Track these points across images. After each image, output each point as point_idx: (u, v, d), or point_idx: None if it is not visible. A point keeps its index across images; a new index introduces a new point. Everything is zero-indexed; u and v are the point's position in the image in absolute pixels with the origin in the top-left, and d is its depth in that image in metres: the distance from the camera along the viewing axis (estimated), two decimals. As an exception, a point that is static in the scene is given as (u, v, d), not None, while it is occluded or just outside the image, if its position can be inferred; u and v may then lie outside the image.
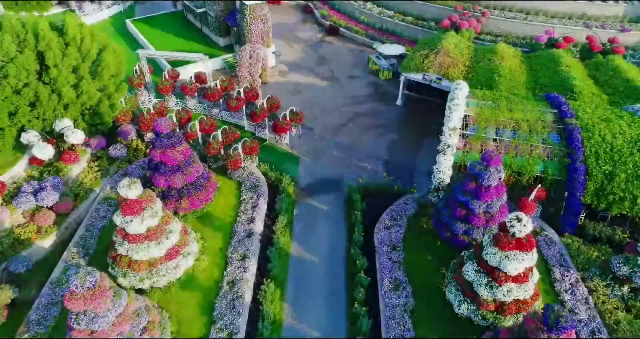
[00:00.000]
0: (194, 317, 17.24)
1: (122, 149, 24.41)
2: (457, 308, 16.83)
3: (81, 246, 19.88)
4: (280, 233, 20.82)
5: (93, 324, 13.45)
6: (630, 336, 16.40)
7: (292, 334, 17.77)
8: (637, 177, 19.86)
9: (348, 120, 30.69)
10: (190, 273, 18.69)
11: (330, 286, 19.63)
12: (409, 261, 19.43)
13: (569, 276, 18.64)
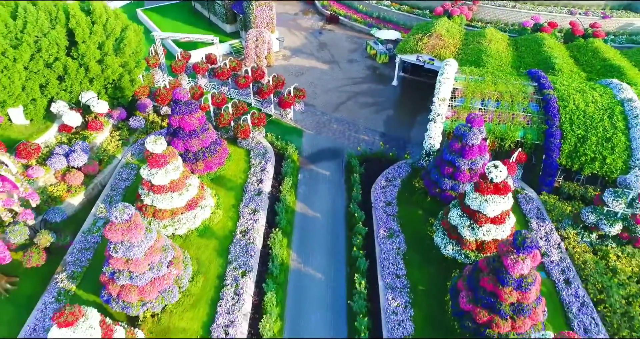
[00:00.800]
0: (211, 259, 19.33)
1: (141, 121, 26.47)
2: (443, 250, 18.91)
3: (107, 203, 21.96)
4: (287, 192, 22.89)
5: (129, 253, 15.52)
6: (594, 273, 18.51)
7: (298, 276, 19.88)
8: (606, 140, 21.96)
9: (347, 98, 32.76)
10: (207, 223, 20.76)
11: (331, 237, 21.73)
12: (402, 214, 21.53)
13: (544, 226, 20.75)
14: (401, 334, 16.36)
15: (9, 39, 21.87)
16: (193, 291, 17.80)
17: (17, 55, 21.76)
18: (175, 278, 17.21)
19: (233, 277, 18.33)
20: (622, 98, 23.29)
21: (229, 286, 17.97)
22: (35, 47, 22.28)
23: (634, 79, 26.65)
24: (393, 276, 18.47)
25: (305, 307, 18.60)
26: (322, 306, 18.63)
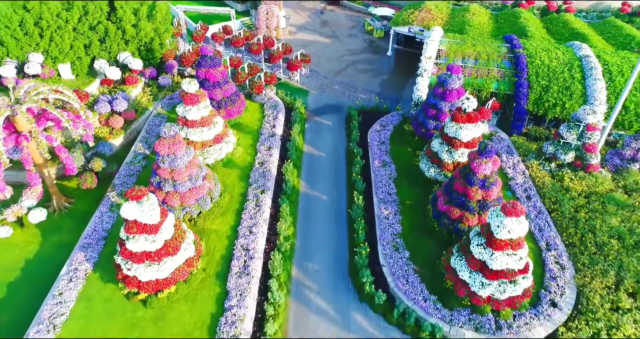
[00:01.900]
0: (235, 183, 22.90)
1: (168, 80, 29.98)
2: (427, 173, 22.49)
3: (144, 142, 25.52)
4: (296, 135, 26.45)
5: (173, 164, 19.11)
6: (550, 191, 22.12)
7: (306, 197, 23.48)
8: (565, 89, 25.54)
9: (347, 66, 36.31)
10: (230, 157, 24.29)
11: (334, 169, 25.28)
12: (393, 151, 25.10)
13: (512, 159, 24.34)
14: (391, 233, 19.98)
15: (62, 3, 25.38)
16: (222, 204, 21.41)
17: (69, 16, 25.27)
18: (208, 190, 20.82)
19: (254, 194, 21.92)
20: (581, 55, 26.87)
21: (251, 200, 21.57)
22: (82, 10, 25.78)
23: (595, 43, 30.22)
24: (385, 194, 22.09)
25: (313, 219, 22.21)
26: (327, 218, 22.24)
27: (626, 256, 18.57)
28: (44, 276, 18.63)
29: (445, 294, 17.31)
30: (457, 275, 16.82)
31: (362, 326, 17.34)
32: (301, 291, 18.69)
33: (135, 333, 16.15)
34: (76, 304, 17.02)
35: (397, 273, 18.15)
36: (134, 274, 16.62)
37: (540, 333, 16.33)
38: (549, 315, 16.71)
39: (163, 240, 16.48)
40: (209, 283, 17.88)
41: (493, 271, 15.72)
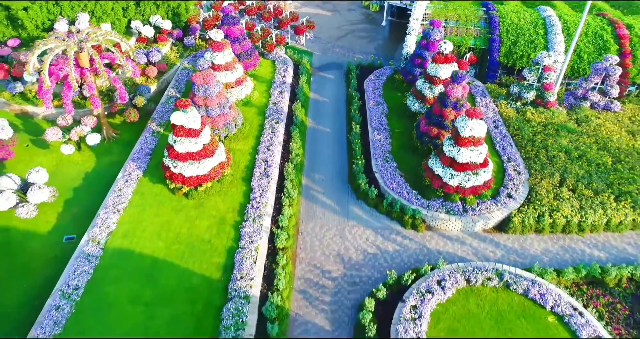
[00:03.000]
0: (253, 117, 26.90)
1: (192, 40, 33.97)
2: (412, 108, 26.54)
3: (175, 88, 29.55)
4: (303, 83, 30.48)
5: (207, 92, 23.17)
6: (514, 121, 26.19)
7: (313, 130, 27.54)
8: (531, 42, 29.57)
9: (346, 33, 40.30)
10: (249, 98, 28.32)
11: (336, 110, 29.26)
12: (385, 95, 29.11)
13: (485, 100, 28.37)
14: (382, 151, 24.05)
15: (104, -32, 29.38)
16: (243, 131, 25.45)
17: (111, -20, 29.31)
18: (233, 117, 24.88)
19: (270, 124, 25.96)
20: (545, 15, 30.90)
21: (267, 128, 25.61)
22: (121, -23, 29.77)
23: (561, 9, 34.26)
24: (378, 124, 26.14)
25: (318, 144, 26.23)
26: (330, 143, 26.26)
27: (570, 164, 22.68)
28: (102, 184, 22.59)
29: (424, 190, 21.39)
30: (433, 172, 20.94)
31: (358, 215, 21.46)
32: (309, 192, 22.81)
33: (182, 215, 20.26)
34: (132, 197, 21.12)
35: (386, 176, 22.27)
36: (179, 172, 20.71)
37: (497, 215, 20.47)
38: (505, 203, 20.83)
39: (202, 144, 20.58)
40: (236, 183, 21.99)
41: (460, 163, 19.82)
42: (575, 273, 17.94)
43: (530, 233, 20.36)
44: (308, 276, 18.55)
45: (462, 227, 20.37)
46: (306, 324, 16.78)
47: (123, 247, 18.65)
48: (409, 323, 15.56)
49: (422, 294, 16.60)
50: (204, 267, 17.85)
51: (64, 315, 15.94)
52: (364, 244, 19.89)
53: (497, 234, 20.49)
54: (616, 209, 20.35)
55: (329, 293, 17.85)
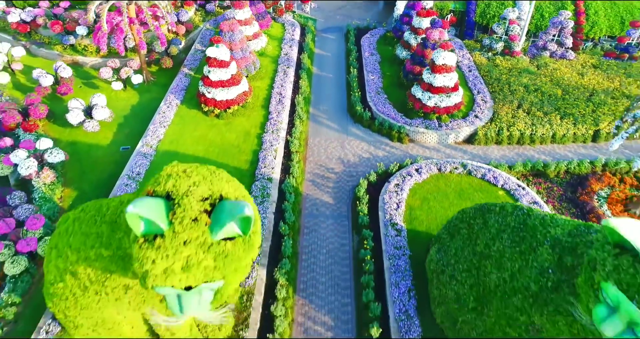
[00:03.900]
0: (268, 64, 31.37)
1: (212, 7, 38.55)
2: (400, 55, 31.16)
3: (200, 43, 34.15)
4: (309, 40, 35.08)
5: (232, 38, 27.79)
6: (485, 67, 30.81)
7: (318, 77, 32.18)
8: (502, 4, 34.19)
9: (346, 4, 44.90)
10: (263, 50, 32.94)
11: (337, 61, 33.95)
12: (378, 48, 33.69)
13: (462, 52, 33.01)
14: (375, 87, 28.70)
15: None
16: (260, 73, 30.05)
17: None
18: (252, 61, 29.52)
19: (282, 69, 30.57)
20: (515, -18, 35.47)
21: (280, 72, 30.23)
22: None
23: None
24: (372, 69, 30.77)
25: (323, 85, 30.83)
26: (332, 84, 30.91)
27: (527, 95, 27.35)
28: (146, 114, 27.08)
29: (408, 112, 26.04)
30: (415, 97, 25.60)
31: (355, 133, 26.13)
32: (315, 118, 27.48)
33: (215, 130, 24.93)
34: (174, 118, 25.78)
35: (378, 104, 26.93)
36: (212, 96, 25.36)
37: (466, 131, 25.14)
38: (473, 122, 25.49)
39: (230, 74, 25.23)
40: (257, 109, 26.64)
41: (435, 87, 24.47)
42: (523, 166, 22.65)
43: (491, 144, 25.03)
44: (316, 171, 23.26)
45: (437, 139, 25.06)
46: (315, 200, 21.51)
47: (170, 150, 23.36)
48: (393, 194, 20.29)
49: (404, 176, 21.33)
50: (235, 162, 22.55)
51: (131, 190, 20.67)
52: (359, 152, 24.60)
53: (466, 145, 25.17)
54: (560, 125, 25.03)
55: (332, 181, 22.58)
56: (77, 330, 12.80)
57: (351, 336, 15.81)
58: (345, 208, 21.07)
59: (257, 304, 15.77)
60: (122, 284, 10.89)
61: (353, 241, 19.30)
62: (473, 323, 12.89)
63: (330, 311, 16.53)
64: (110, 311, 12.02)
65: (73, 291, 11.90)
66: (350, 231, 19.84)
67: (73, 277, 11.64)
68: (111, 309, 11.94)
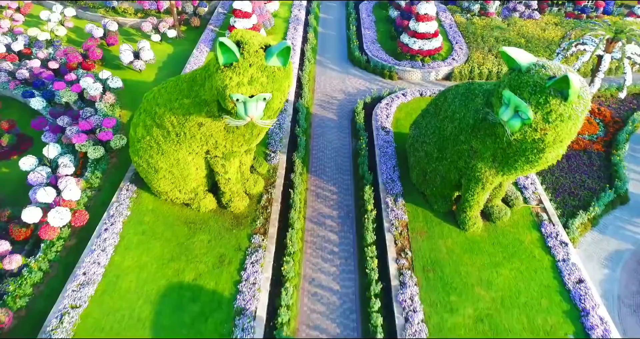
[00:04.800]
0: (280, 24, 36.24)
1: (230, -21, 43.37)
2: (392, 15, 36.09)
3: (222, 7, 39.06)
4: (315, 7, 40.04)
5: None
6: (463, 24, 35.74)
7: (322, 33, 37.14)
8: (480, -26, 39.10)
9: (346, -20, 49.73)
10: (275, 13, 37.86)
11: (338, 22, 38.90)
12: (375, 12, 38.59)
13: (446, 15, 37.90)
14: (370, 39, 33.68)
15: None
16: (275, 29, 35.05)
17: None
18: (267, 18, 34.47)
19: (293, 26, 35.49)
20: (492, -45, 40.29)
21: (291, 28, 35.11)
22: None
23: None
24: (369, 26, 35.68)
25: (327, 40, 35.85)
26: (335, 39, 35.91)
27: (496, 44, 32.35)
28: (181, 61, 32.21)
29: (397, 56, 31.06)
30: (403, 43, 30.60)
31: (354, 73, 31.10)
32: (321, 63, 32.46)
33: (239, 69, 29.92)
34: (204, 61, 30.83)
35: (373, 51, 31.88)
36: (237, 42, 30.32)
37: (445, 70, 30.14)
38: (450, 63, 30.51)
39: (252, 23, 30.22)
40: (273, 54, 31.63)
41: (419, 33, 29.46)
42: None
43: (465, 80, 30.08)
44: (322, 98, 28.30)
45: (421, 76, 30.07)
46: (322, 117, 26.56)
47: (205, 82, 28.36)
48: (383, 109, 25.32)
49: (392, 98, 26.38)
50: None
51: (177, 107, 25.66)
52: (357, 86, 29.63)
53: (444, 81, 30.16)
54: (522, 65, 30.02)
55: (335, 105, 27.62)
56: (156, 174, 17.81)
57: (350, 197, 20.90)
58: (346, 123, 26.13)
59: (280, 175, 20.85)
60: (196, 123, 15.88)
61: (352, 143, 24.38)
62: (437, 169, 17.96)
63: (334, 183, 21.63)
64: (184, 153, 17.06)
65: (157, 140, 16.93)
66: (350, 137, 24.92)
67: (159, 128, 16.69)
68: (185, 151, 16.98)
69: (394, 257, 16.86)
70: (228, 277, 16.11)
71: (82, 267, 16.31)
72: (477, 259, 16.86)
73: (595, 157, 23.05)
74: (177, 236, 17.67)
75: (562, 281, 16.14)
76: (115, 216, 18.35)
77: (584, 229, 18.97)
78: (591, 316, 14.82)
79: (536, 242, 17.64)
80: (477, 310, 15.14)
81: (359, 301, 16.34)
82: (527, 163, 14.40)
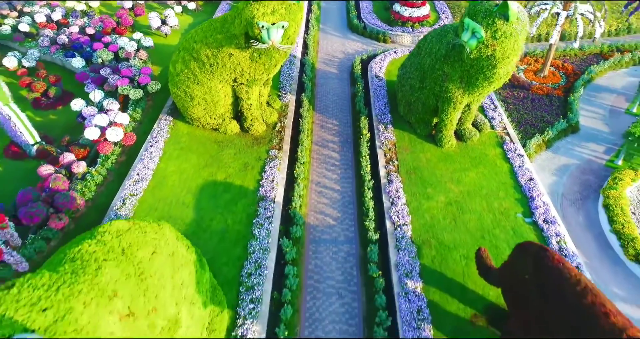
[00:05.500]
0: None
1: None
2: (387, -10, 40.02)
3: (235, -14, 42.86)
4: (317, -16, 43.87)
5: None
6: (451, -2, 39.58)
7: (324, 9, 41.01)
8: (466, -46, 42.93)
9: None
10: (283, -11, 41.69)
11: (339, 4, 42.86)
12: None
13: (434, -10, 41.80)
14: (367, 9, 37.58)
15: None
16: (282, 2, 38.94)
17: None
18: (276, -8, 38.29)
19: (298, 0, 39.42)
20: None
21: (297, 2, 39.08)
22: None
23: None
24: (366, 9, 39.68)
25: (328, 14, 39.77)
26: (336, 12, 39.84)
27: None
28: (202, 24, 36.12)
29: (391, 24, 34.98)
30: (396, 11, 34.53)
31: (352, 38, 35.01)
32: (324, 30, 36.30)
33: (252, 33, 33.87)
34: (222, 27, 34.69)
35: (370, 19, 35.80)
36: None
37: (431, 34, 34.05)
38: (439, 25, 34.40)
39: (263, -7, 34.08)
40: (281, 22, 35.60)
41: (409, 1, 33.40)
42: (469, 52, 31.60)
43: (450, 44, 33.91)
44: (325, 57, 32.23)
45: (411, 40, 33.98)
46: (325, 71, 30.48)
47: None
48: (377, 63, 29.26)
49: (385, 55, 30.34)
50: (269, 49, 31.49)
51: (201, 61, 29.60)
52: (355, 47, 33.55)
53: (431, 44, 34.06)
54: (499, 30, 33.93)
55: (336, 62, 31.54)
56: (192, 101, 21.77)
57: (349, 128, 24.90)
58: (346, 75, 30.08)
59: (291, 110, 24.82)
60: (227, 53, 19.79)
61: (351, 89, 28.36)
62: (419, 98, 21.92)
63: (336, 118, 25.57)
64: (215, 81, 21.03)
65: (194, 71, 20.88)
66: (349, 85, 28.89)
67: (195, 61, 20.64)
68: (216, 80, 20.93)
69: (383, 164, 20.84)
70: (252, 177, 20.11)
71: (136, 169, 20.32)
72: (450, 166, 20.85)
73: (556, 100, 27.01)
74: (209, 150, 21.66)
75: (517, 180, 20.11)
76: (158, 137, 22.34)
77: (539, 149, 22.94)
78: (536, 201, 18.80)
79: (499, 155, 21.61)
80: (448, 198, 19.13)
81: (355, 197, 20.36)
82: (485, 80, 18.36)
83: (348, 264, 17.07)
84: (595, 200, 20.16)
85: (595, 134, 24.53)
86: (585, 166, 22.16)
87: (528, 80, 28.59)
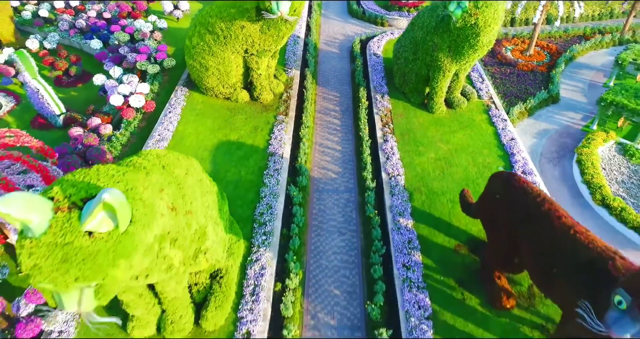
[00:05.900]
0: (290, -14, 42.35)
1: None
2: (385, -21, 42.07)
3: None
4: (319, -26, 45.92)
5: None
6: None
7: (326, 7, 43.07)
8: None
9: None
10: (287, -22, 43.75)
11: None
12: (370, -22, 44.61)
13: (430, -21, 43.81)
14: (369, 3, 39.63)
15: None
16: (286, -10, 41.01)
17: None
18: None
19: (301, -12, 41.48)
20: None
21: (300, -11, 41.14)
22: None
23: None
24: (365, -12, 41.73)
25: (329, 2, 41.94)
26: (337, 12, 41.93)
27: (470, -1, 38.30)
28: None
29: (388, 9, 37.05)
30: (392, -4, 36.59)
31: (352, 22, 37.07)
32: (325, 15, 38.34)
33: (259, 17, 36.00)
34: (230, 12, 36.80)
35: (369, 5, 37.90)
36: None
37: (426, 18, 36.16)
38: (431, 13, 36.49)
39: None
40: (286, 7, 37.70)
41: (405, -13, 35.44)
42: (460, 34, 33.68)
43: (443, 27, 35.99)
44: (327, 39, 34.31)
45: (407, 23, 36.04)
46: (326, 50, 32.59)
47: (232, 26, 34.37)
48: (375, 43, 31.35)
49: (382, 36, 32.42)
50: (275, 31, 33.60)
51: (212, 41, 31.72)
52: (355, 30, 35.62)
53: (426, 27, 36.14)
54: (489, 14, 36.03)
55: (337, 43, 33.64)
56: (207, 71, 23.86)
57: (349, 100, 27.01)
58: (346, 54, 32.15)
59: (295, 83, 26.92)
60: (239, 26, 21.85)
61: (350, 66, 30.47)
62: (412, 69, 24.01)
63: (337, 91, 27.65)
64: (228, 53, 23.10)
65: (209, 43, 22.95)
66: (349, 63, 30.99)
67: (210, 34, 22.71)
68: (229, 51, 23.00)
69: (380, 127, 22.95)
70: (261, 137, 22.22)
71: (157, 131, 22.42)
72: (440, 128, 22.96)
73: (540, 75, 29.12)
74: (222, 116, 23.76)
75: (500, 140, 22.21)
76: (175, 105, 24.44)
77: (522, 115, 25.05)
78: (516, 156, 20.91)
79: (485, 120, 23.71)
80: (437, 154, 21.24)
81: (355, 155, 22.48)
82: (470, 48, 20.44)
83: (348, 208, 19.19)
84: (570, 158, 22.28)
85: (574, 104, 26.64)
86: (563, 130, 24.27)
87: (514, 58, 30.67)
